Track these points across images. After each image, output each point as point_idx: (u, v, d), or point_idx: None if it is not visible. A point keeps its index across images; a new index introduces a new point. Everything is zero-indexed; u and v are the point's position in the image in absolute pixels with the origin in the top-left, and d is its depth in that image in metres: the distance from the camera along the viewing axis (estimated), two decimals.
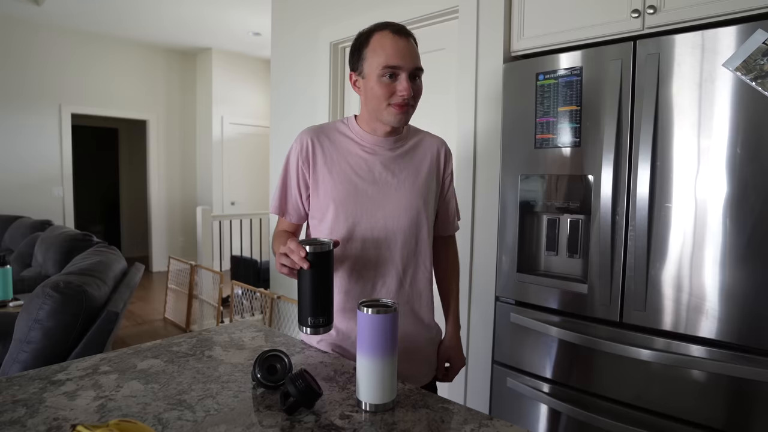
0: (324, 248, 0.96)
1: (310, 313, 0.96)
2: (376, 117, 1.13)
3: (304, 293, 0.96)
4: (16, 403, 0.82)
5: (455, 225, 1.35)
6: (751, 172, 1.22)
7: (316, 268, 0.95)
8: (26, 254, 3.56)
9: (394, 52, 1.05)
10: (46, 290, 1.72)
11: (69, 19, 4.96)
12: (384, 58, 1.06)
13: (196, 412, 0.80)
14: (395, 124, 1.12)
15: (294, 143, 1.18)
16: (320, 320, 0.97)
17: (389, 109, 1.09)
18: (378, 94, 1.08)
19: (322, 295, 0.97)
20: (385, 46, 1.06)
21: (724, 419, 1.27)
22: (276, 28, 3.01)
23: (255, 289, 3.51)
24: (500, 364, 1.74)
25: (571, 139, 1.54)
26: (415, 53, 1.10)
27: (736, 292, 1.25)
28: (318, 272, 0.95)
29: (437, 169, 1.23)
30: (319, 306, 0.96)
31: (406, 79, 1.06)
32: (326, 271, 0.97)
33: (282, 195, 1.19)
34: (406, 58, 1.06)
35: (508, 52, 1.84)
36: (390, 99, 1.08)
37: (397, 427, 0.77)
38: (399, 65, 1.06)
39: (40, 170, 5.16)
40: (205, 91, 6.20)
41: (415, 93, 1.10)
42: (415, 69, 1.08)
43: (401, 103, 1.07)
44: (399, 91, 1.06)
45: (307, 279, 0.96)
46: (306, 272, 0.95)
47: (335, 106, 2.63)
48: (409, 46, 1.09)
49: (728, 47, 1.24)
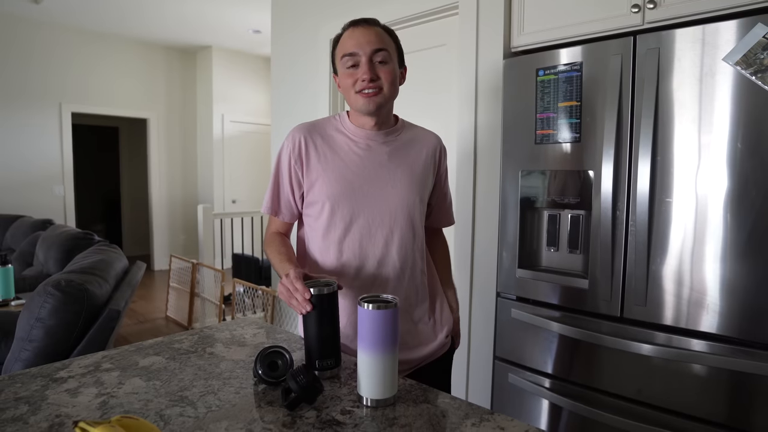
0: (329, 290, 0.93)
1: (318, 356, 0.93)
2: (354, 109, 1.15)
3: (311, 336, 0.94)
4: (18, 400, 0.82)
5: (450, 218, 1.36)
6: (752, 167, 1.22)
7: (321, 309, 0.92)
8: (27, 253, 3.57)
9: (351, 41, 1.10)
10: (48, 289, 1.73)
11: (69, 17, 4.95)
12: (344, 48, 1.12)
13: (197, 409, 0.80)
14: (365, 111, 1.12)
15: (285, 141, 1.17)
16: (328, 362, 0.94)
17: (356, 97, 1.11)
18: (345, 84, 1.13)
19: (329, 337, 0.94)
20: (345, 39, 1.12)
21: (725, 413, 1.28)
22: (276, 26, 3.01)
23: (256, 287, 3.51)
24: (502, 360, 1.74)
25: (571, 135, 1.53)
26: (374, 38, 1.10)
27: (736, 286, 1.25)
28: (323, 315, 0.93)
29: (432, 165, 1.23)
30: (327, 348, 0.94)
31: (365, 63, 1.09)
32: (331, 312, 0.94)
33: (274, 194, 1.19)
34: (362, 44, 1.09)
35: (508, 47, 1.84)
36: (354, 86, 1.11)
37: (398, 422, 0.77)
38: (355, 52, 1.09)
39: (41, 169, 5.17)
40: (206, 89, 6.20)
41: (383, 76, 1.10)
42: (374, 52, 1.09)
43: (364, 87, 1.09)
44: (360, 76, 1.09)
45: (313, 322, 0.93)
46: (312, 315, 0.93)
47: (336, 103, 2.62)
48: (368, 32, 1.10)
49: (728, 42, 1.24)
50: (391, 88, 1.12)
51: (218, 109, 6.12)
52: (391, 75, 1.11)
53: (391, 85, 1.11)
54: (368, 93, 1.09)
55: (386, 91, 1.11)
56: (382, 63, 1.10)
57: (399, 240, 1.15)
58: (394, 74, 1.13)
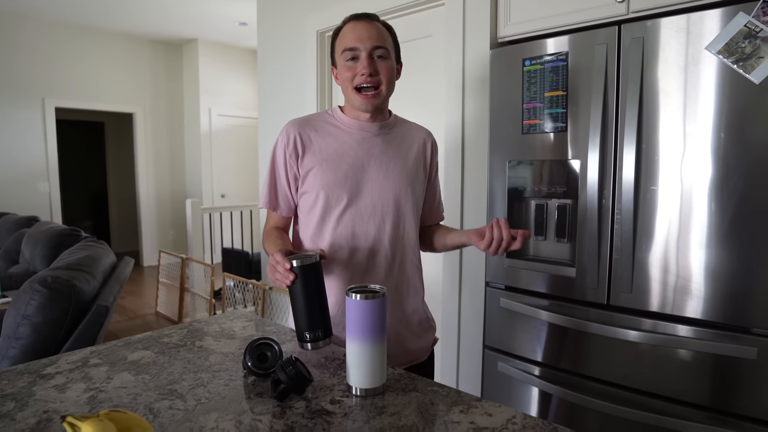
0: (310, 260, 0.94)
1: (306, 327, 0.94)
2: (351, 105, 1.16)
3: (298, 309, 0.95)
4: (5, 397, 0.82)
5: (440, 214, 1.37)
6: (734, 155, 1.24)
7: (305, 281, 0.94)
8: (13, 251, 3.52)
9: (352, 35, 1.12)
10: (34, 285, 1.71)
11: (53, 10, 4.86)
12: (344, 42, 1.13)
13: (187, 401, 0.80)
14: (362, 109, 1.14)
15: (279, 136, 1.18)
16: (318, 334, 0.94)
17: (354, 95, 1.13)
18: (344, 77, 1.14)
19: (315, 307, 0.95)
20: (346, 33, 1.14)
21: (709, 396, 1.30)
22: (262, 18, 2.98)
23: (247, 281, 3.51)
24: (491, 349, 1.76)
25: (557, 125, 1.54)
26: (374, 34, 1.11)
27: (720, 272, 1.28)
28: (307, 285, 0.94)
29: (424, 159, 1.24)
30: (314, 319, 0.94)
31: (366, 58, 1.10)
32: (316, 283, 0.95)
33: (271, 189, 1.19)
34: (363, 39, 1.10)
35: (495, 38, 1.84)
36: (353, 81, 1.12)
37: (387, 411, 0.78)
38: (356, 46, 1.11)
39: (26, 166, 5.09)
40: (192, 82, 6.13)
41: (382, 72, 1.12)
42: (374, 48, 1.11)
43: (362, 83, 1.11)
44: (359, 70, 1.11)
45: (298, 293, 0.94)
46: (296, 286, 0.94)
47: (323, 95, 2.61)
48: (369, 27, 1.12)
49: (712, 30, 1.25)
50: (388, 85, 1.15)
51: (205, 103, 6.06)
52: (390, 72, 1.14)
53: (389, 82, 1.14)
54: (367, 94, 1.12)
55: (384, 90, 1.14)
56: (381, 58, 1.12)
57: (391, 230, 1.16)
58: (392, 71, 1.15)
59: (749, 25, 1.19)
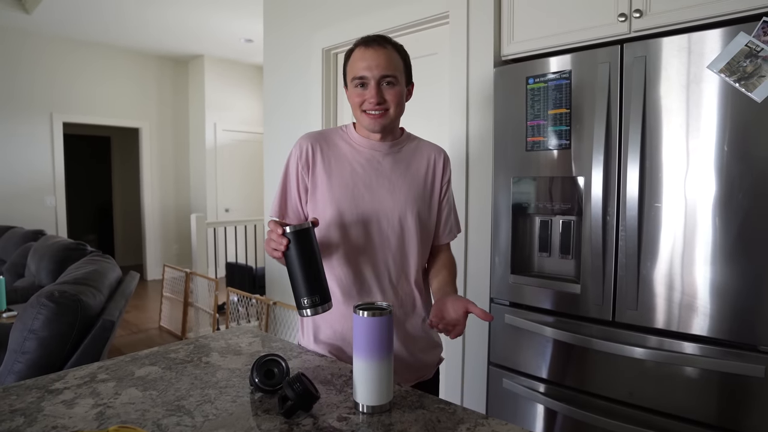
0: (302, 226, 0.98)
1: (304, 293, 0.97)
2: (361, 125, 1.19)
3: (294, 277, 0.98)
4: (14, 412, 0.82)
5: (453, 233, 1.32)
6: (739, 171, 1.25)
7: (299, 246, 0.97)
8: (19, 264, 3.54)
9: (362, 64, 1.13)
10: (41, 300, 1.72)
11: (60, 27, 4.95)
12: (354, 70, 1.15)
13: (194, 418, 0.81)
14: (370, 129, 1.17)
15: (293, 148, 1.20)
16: (316, 299, 0.97)
17: (363, 116, 1.16)
18: (353, 103, 1.17)
19: (311, 273, 0.98)
20: (356, 60, 1.15)
21: (715, 414, 1.29)
22: (268, 35, 3.02)
23: (251, 296, 3.50)
24: (496, 365, 1.75)
25: (561, 142, 1.56)
26: (383, 62, 1.13)
27: (726, 288, 1.28)
28: (301, 250, 0.97)
29: (434, 176, 1.24)
30: (311, 284, 0.97)
31: (374, 87, 1.13)
32: (309, 248, 0.98)
33: (282, 199, 1.21)
34: (372, 68, 1.12)
35: (499, 56, 1.87)
36: (362, 106, 1.15)
37: (394, 428, 0.78)
38: (365, 75, 1.13)
39: (32, 180, 5.13)
40: (198, 98, 6.20)
41: (389, 98, 1.14)
42: (382, 77, 1.13)
43: (370, 109, 1.14)
44: (367, 99, 1.13)
45: (293, 259, 0.97)
46: (290, 253, 0.97)
47: (328, 112, 2.64)
48: (378, 55, 1.13)
49: (713, 50, 1.27)
50: (396, 109, 1.17)
51: (211, 118, 6.12)
52: (398, 97, 1.16)
53: (396, 106, 1.16)
54: (375, 114, 1.14)
55: (392, 112, 1.16)
56: (390, 85, 1.14)
57: (396, 248, 1.16)
58: (400, 95, 1.17)
59: (750, 45, 1.20)
